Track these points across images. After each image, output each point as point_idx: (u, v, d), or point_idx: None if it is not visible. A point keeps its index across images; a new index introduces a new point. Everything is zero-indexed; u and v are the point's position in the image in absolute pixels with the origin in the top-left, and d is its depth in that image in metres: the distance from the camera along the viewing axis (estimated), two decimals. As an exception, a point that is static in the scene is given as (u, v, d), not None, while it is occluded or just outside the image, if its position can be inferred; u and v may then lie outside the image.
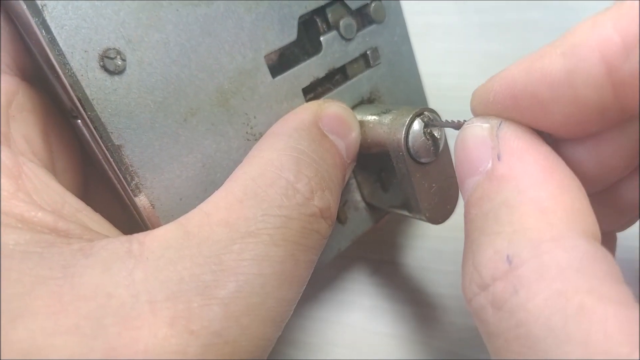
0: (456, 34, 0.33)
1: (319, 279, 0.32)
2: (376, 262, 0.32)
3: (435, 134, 0.21)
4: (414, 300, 0.31)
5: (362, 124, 0.22)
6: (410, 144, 0.20)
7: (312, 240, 0.18)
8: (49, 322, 0.14)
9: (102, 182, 0.20)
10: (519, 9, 0.33)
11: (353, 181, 0.24)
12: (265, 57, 0.20)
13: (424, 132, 0.20)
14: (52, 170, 0.19)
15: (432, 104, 0.27)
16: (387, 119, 0.21)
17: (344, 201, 0.24)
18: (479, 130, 0.16)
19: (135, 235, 0.17)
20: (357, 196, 0.24)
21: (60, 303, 0.15)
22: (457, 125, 0.18)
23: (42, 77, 0.19)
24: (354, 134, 0.21)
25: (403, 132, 0.20)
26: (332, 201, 0.19)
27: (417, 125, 0.20)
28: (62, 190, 0.18)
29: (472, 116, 0.18)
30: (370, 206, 0.25)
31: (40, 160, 0.18)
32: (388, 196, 0.24)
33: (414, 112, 0.20)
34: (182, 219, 0.17)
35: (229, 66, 0.20)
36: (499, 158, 0.15)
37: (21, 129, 0.18)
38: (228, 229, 0.17)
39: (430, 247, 0.32)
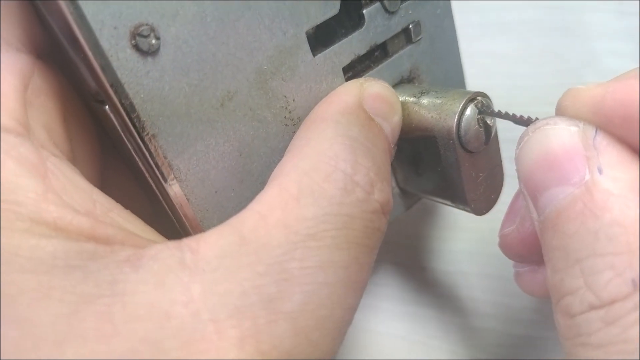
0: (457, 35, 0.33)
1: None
2: (376, 263, 0.32)
3: (488, 122, 0.20)
4: (414, 300, 0.32)
5: (404, 105, 0.20)
6: (462, 132, 0.19)
7: (373, 240, 0.17)
8: (102, 347, 0.13)
9: (123, 172, 0.19)
10: (519, 9, 0.33)
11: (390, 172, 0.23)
12: (306, 33, 0.19)
13: (477, 120, 0.19)
14: (73, 161, 0.17)
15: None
16: (435, 102, 0.20)
17: None
18: (567, 135, 0.15)
19: (185, 241, 0.15)
20: (392, 182, 0.23)
21: (112, 325, 0.13)
22: (526, 122, 0.17)
23: (58, 55, 0.17)
24: (398, 116, 0.20)
25: (455, 119, 0.19)
26: (390, 193, 0.18)
27: (470, 111, 0.19)
28: (90, 188, 0.16)
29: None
30: (403, 192, 0.24)
31: (62, 152, 0.17)
32: (422, 181, 0.23)
33: (467, 97, 0.19)
34: (235, 222, 0.16)
35: (269, 44, 0.18)
36: (600, 171, 0.14)
37: (40, 118, 0.16)
38: (287, 231, 0.15)
39: (430, 247, 0.32)
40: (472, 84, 0.33)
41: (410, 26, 0.22)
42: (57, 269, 0.13)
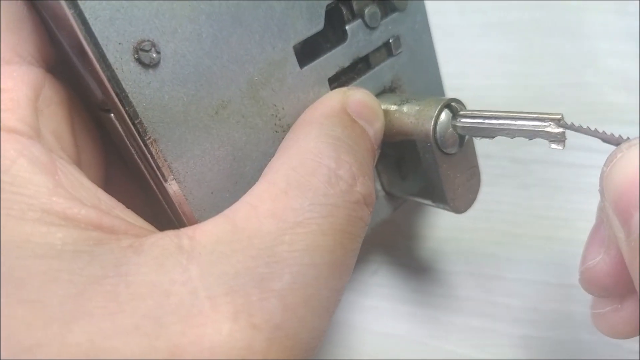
0: (457, 34, 0.33)
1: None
2: (376, 263, 0.32)
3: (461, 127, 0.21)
4: (414, 301, 0.32)
5: (386, 112, 0.22)
6: (438, 134, 0.21)
7: (357, 228, 0.18)
8: (107, 323, 0.14)
9: (125, 175, 0.20)
10: (519, 9, 0.33)
11: (373, 170, 0.25)
12: (293, 47, 0.21)
13: (452, 124, 0.21)
14: (79, 165, 0.19)
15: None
16: (414, 109, 0.21)
17: None
18: None
19: (183, 230, 0.17)
20: (377, 185, 0.25)
21: (116, 303, 0.14)
22: (615, 141, 0.17)
23: (66, 69, 0.18)
24: (380, 121, 0.22)
25: (432, 123, 0.20)
26: (372, 187, 0.19)
27: (444, 116, 0.21)
28: (95, 187, 0.18)
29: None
30: (388, 195, 0.25)
31: (69, 156, 0.18)
32: (407, 184, 0.24)
33: (442, 103, 0.21)
34: (229, 212, 0.17)
35: (259, 57, 0.20)
36: None
37: (49, 125, 0.18)
38: (276, 220, 0.17)
39: (430, 247, 0.32)
40: (472, 84, 0.33)
41: (390, 40, 0.24)
42: (65, 253, 0.15)
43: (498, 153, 0.32)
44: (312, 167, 0.18)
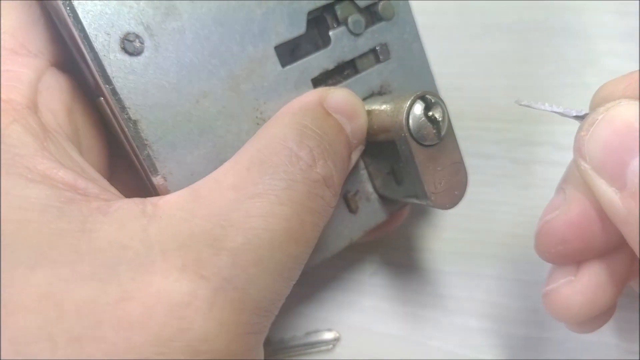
0: (457, 35, 0.33)
1: (320, 280, 0.32)
2: (376, 263, 0.32)
3: (437, 116, 0.22)
4: (414, 301, 0.32)
5: (369, 113, 0.23)
6: (411, 124, 0.21)
7: (316, 204, 0.19)
8: (66, 270, 0.16)
9: (126, 166, 0.22)
10: (519, 9, 0.33)
11: (364, 172, 0.25)
12: (275, 48, 0.22)
13: (426, 114, 0.21)
14: (78, 146, 0.21)
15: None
16: (390, 105, 0.22)
17: (354, 191, 0.25)
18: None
19: (149, 198, 0.18)
20: (369, 187, 0.26)
21: (77, 254, 0.16)
22: (575, 114, 0.19)
23: (72, 65, 0.21)
24: (360, 117, 0.23)
25: (404, 114, 0.21)
26: (335, 172, 0.20)
27: (417, 106, 0.21)
28: (83, 161, 0.20)
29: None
30: (383, 198, 0.26)
31: (65, 133, 0.20)
32: (401, 189, 0.25)
33: (415, 95, 0.21)
34: (194, 186, 0.19)
35: (240, 54, 0.21)
36: None
37: (47, 102, 0.20)
38: (236, 192, 0.18)
39: (429, 248, 0.32)
40: (473, 84, 0.33)
41: (377, 47, 0.25)
42: (38, 206, 0.17)
43: (498, 153, 0.33)
44: (275, 149, 0.19)
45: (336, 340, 0.31)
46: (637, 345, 0.30)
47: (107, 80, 0.19)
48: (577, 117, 0.20)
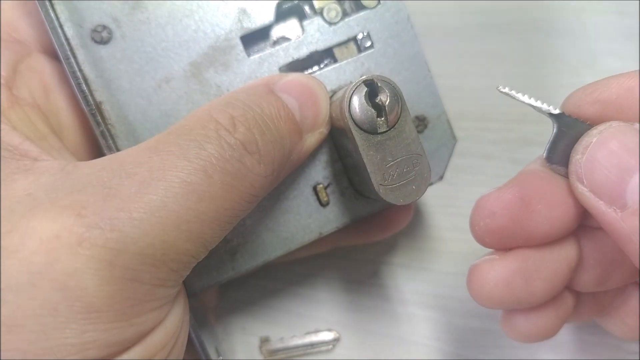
0: (457, 35, 0.33)
1: (320, 280, 0.32)
2: (376, 264, 0.32)
3: (384, 102, 0.20)
4: (414, 301, 0.32)
5: (332, 104, 0.23)
6: (352, 109, 0.20)
7: (232, 167, 0.19)
8: None
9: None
10: (519, 9, 0.33)
11: (339, 165, 0.25)
12: (241, 37, 0.24)
13: (371, 100, 0.20)
14: (57, 122, 0.23)
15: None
16: (342, 93, 0.22)
17: (326, 183, 0.25)
18: (633, 128, 0.18)
19: (76, 161, 0.20)
20: (345, 182, 0.25)
21: None
22: (547, 110, 0.20)
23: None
24: (317, 101, 0.22)
25: (346, 100, 0.21)
26: (262, 143, 0.20)
27: (359, 91, 0.20)
28: (48, 131, 0.22)
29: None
30: (361, 196, 0.25)
31: (41, 108, 0.22)
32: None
33: (361, 80, 0.21)
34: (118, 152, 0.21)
35: (204, 44, 0.23)
36: None
37: (26, 81, 0.22)
38: (149, 151, 0.19)
39: (430, 248, 0.32)
40: (473, 84, 0.33)
41: (358, 37, 0.25)
42: None
43: (498, 153, 0.33)
44: (199, 117, 0.20)
45: (336, 340, 0.31)
46: (637, 345, 0.30)
47: (78, 65, 0.22)
48: (550, 115, 0.20)
